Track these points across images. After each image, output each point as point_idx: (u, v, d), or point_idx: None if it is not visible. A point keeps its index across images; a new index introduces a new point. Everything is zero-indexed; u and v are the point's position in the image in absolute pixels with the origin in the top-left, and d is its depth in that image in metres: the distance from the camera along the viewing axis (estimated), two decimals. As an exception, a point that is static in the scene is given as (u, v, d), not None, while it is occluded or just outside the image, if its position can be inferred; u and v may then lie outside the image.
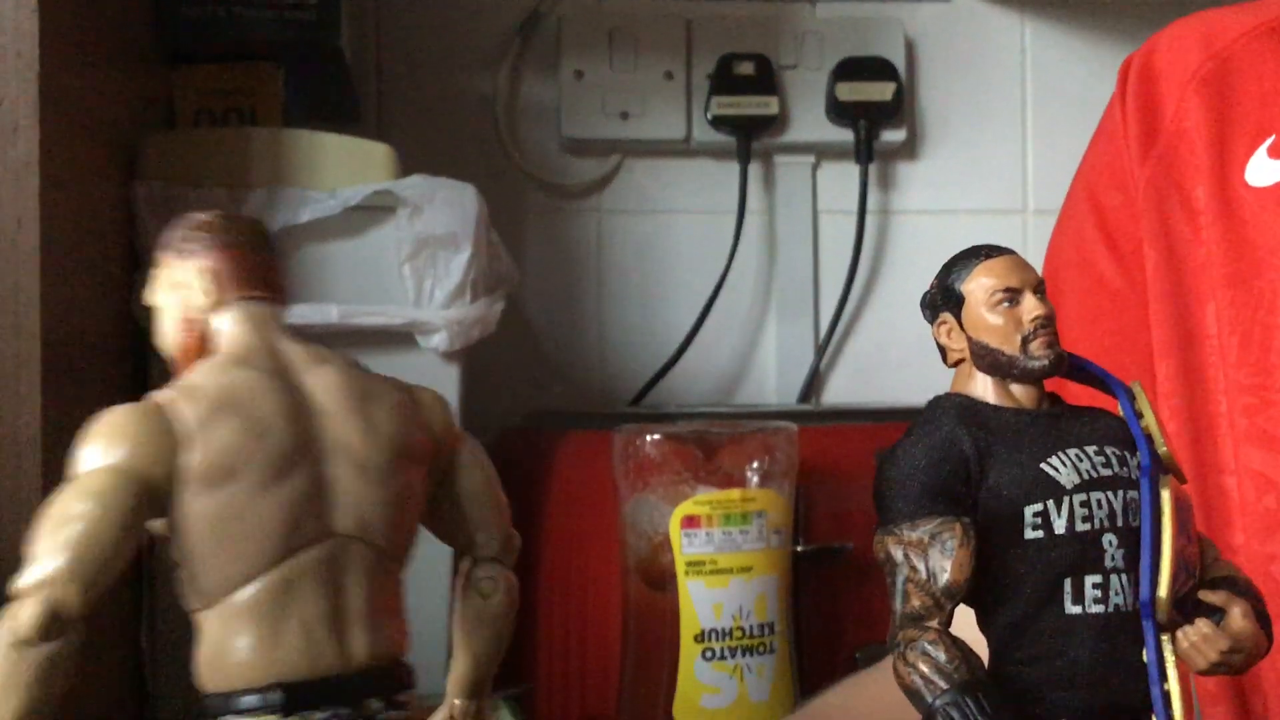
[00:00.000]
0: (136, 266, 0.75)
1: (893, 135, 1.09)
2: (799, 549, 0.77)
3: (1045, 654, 0.31)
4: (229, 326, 0.32)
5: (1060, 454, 0.32)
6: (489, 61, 1.08)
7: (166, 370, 0.75)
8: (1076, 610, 0.31)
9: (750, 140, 1.06)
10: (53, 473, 0.60)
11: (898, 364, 1.10)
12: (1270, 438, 0.57)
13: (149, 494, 0.28)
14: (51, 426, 0.61)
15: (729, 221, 1.07)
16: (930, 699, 0.29)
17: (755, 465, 0.73)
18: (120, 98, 0.77)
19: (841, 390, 1.11)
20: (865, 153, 1.07)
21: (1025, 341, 0.32)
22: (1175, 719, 0.30)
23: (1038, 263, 1.23)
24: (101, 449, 0.30)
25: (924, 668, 0.30)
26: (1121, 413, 0.33)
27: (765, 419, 0.78)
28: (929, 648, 0.30)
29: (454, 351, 0.76)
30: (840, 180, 1.10)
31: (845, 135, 1.07)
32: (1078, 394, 0.37)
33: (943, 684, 0.29)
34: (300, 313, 0.74)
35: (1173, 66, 0.65)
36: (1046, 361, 0.33)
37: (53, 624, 0.27)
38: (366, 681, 0.28)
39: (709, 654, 0.70)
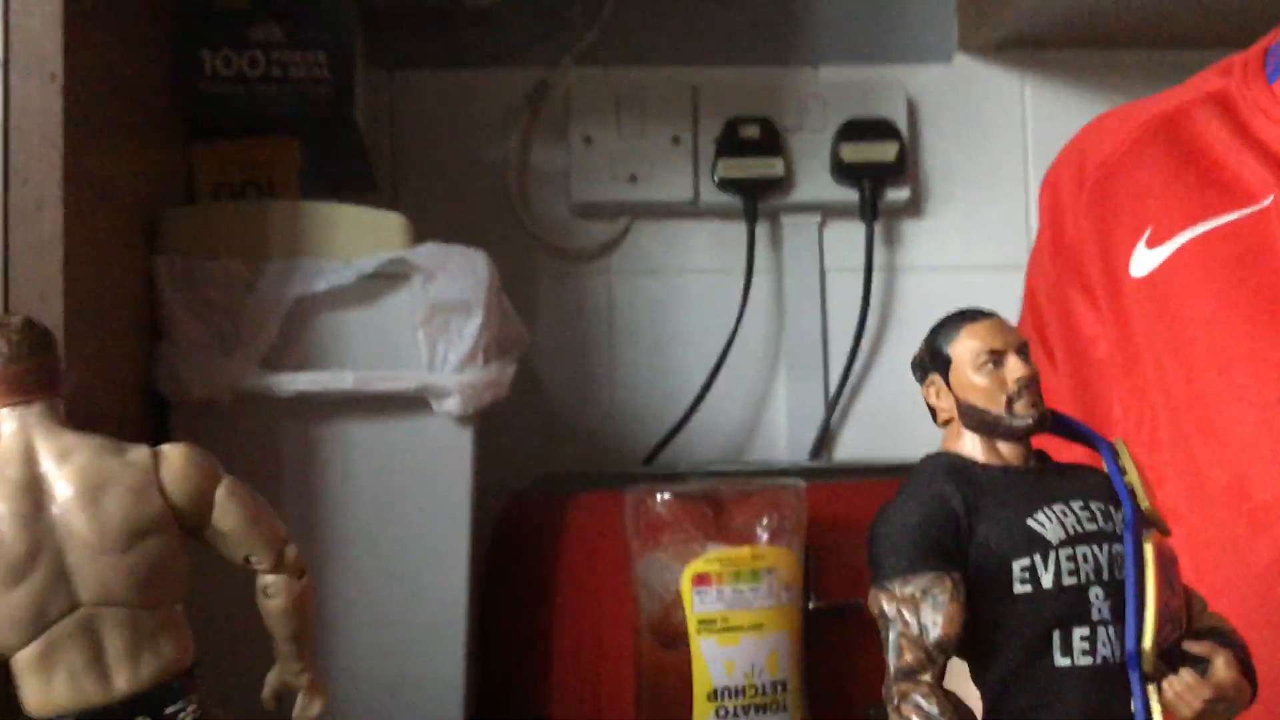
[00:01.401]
0: (157, 339, 0.77)
1: (897, 194, 1.10)
2: (810, 606, 0.77)
3: (1036, 705, 0.32)
4: (2, 429, 0.37)
5: (1046, 509, 0.33)
6: (500, 130, 1.10)
7: (188, 438, 0.76)
8: (1066, 663, 0.32)
9: (757, 201, 1.08)
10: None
11: (908, 418, 1.10)
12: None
13: None
14: (74, 495, 0.62)
15: (737, 281, 1.09)
16: None
17: (765, 522, 0.74)
18: (141, 173, 0.79)
19: (852, 446, 1.12)
20: (870, 211, 1.09)
21: (1010, 401, 0.34)
22: None
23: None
24: None
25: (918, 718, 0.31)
26: (1105, 468, 0.34)
27: (775, 476, 0.79)
28: (921, 701, 0.31)
29: (467, 415, 0.77)
30: (846, 239, 1.12)
31: (850, 195, 1.09)
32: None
33: None
34: (316, 379, 0.76)
35: (1070, 180, 0.71)
36: (1031, 420, 0.34)
37: None
38: (132, 706, 0.34)
39: (722, 712, 0.71)
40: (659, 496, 0.73)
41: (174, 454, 0.37)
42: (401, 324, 0.77)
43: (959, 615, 0.32)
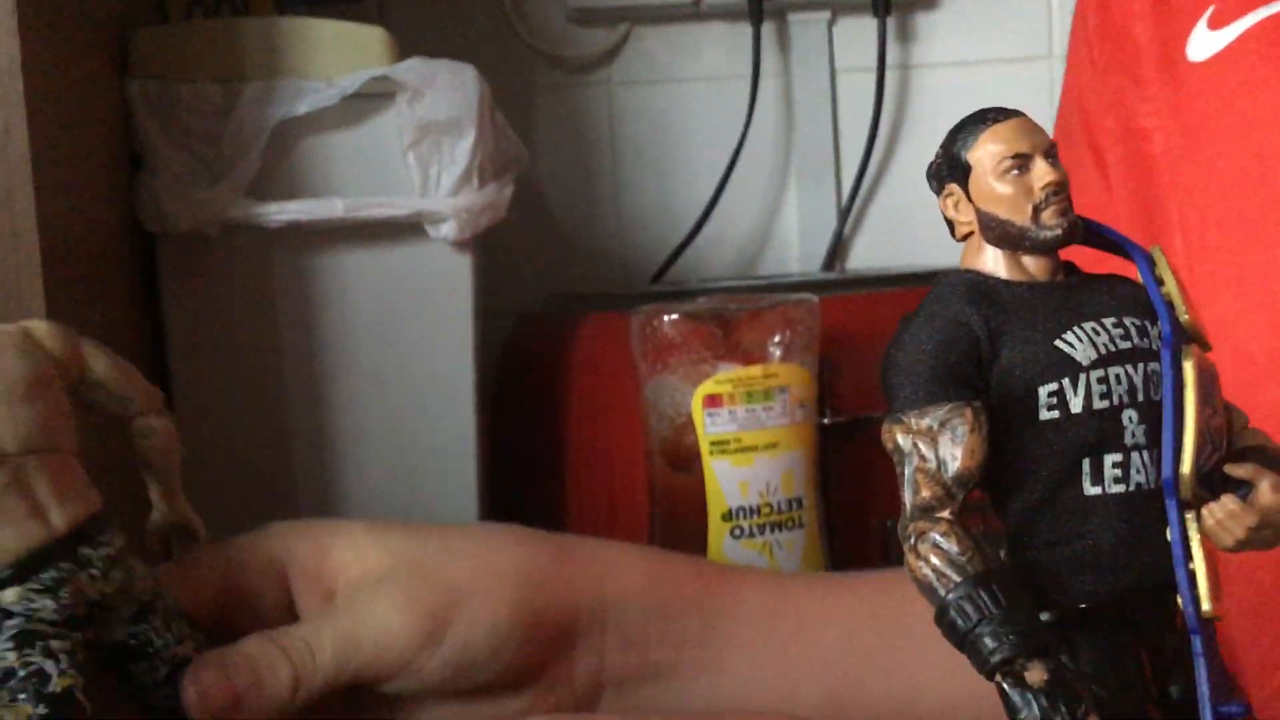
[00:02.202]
0: (136, 167, 0.74)
1: (911, -15, 1.04)
2: (825, 422, 0.76)
3: (1064, 538, 0.30)
4: None
5: (1076, 329, 0.30)
6: (487, -69, 1.04)
7: (178, 272, 0.74)
8: (1096, 491, 0.30)
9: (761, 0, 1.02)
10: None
11: (923, 225, 1.07)
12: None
13: None
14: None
15: (744, 87, 1.04)
16: (943, 593, 0.28)
17: (776, 339, 0.71)
18: (106, -8, 0.74)
19: (866, 255, 1.09)
20: (882, 5, 1.03)
21: (1036, 210, 0.30)
22: (1201, 599, 0.29)
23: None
24: None
25: (935, 560, 0.29)
26: (1141, 279, 0.31)
27: (787, 291, 0.77)
28: (940, 539, 0.29)
29: (464, 239, 0.75)
30: (857, 36, 1.06)
31: (861, -12, 1.03)
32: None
33: (955, 576, 0.28)
34: (305, 208, 0.73)
35: None
36: (1060, 231, 0.30)
37: None
38: (73, 539, 0.38)
39: (737, 532, 0.70)
40: (666, 317, 0.71)
41: (37, 324, 0.40)
42: (390, 146, 0.74)
43: (980, 447, 0.29)
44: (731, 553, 0.70)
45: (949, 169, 0.31)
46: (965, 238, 0.32)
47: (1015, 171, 0.30)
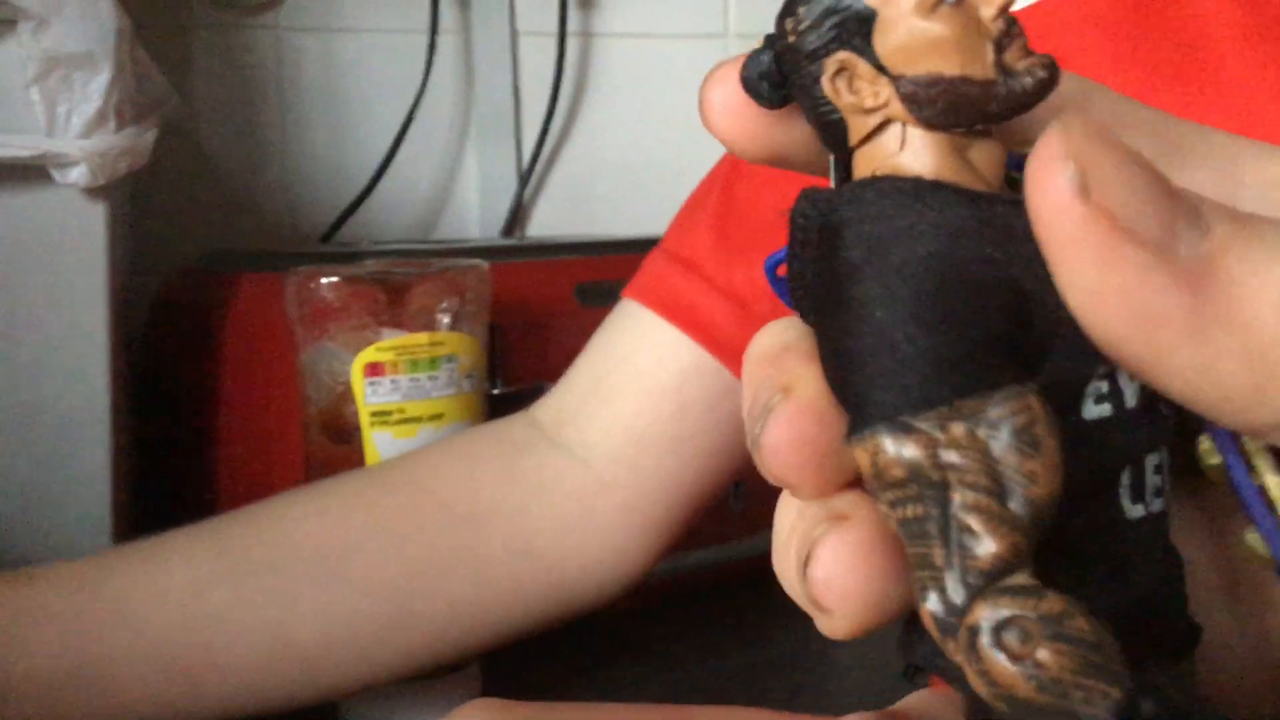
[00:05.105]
0: None
1: (595, -49, 1.03)
2: (495, 392, 0.74)
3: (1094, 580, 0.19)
4: None
5: None
6: None
7: None
8: (1139, 512, 0.19)
9: (443, -48, 0.99)
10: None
11: (604, 194, 1.08)
12: None
13: None
14: None
15: (421, 42, 1.00)
16: (1099, 713, 0.16)
17: (444, 306, 0.69)
18: None
19: (548, 222, 1.08)
20: (566, -31, 1.02)
21: (999, 50, 0.18)
22: None
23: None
24: None
25: (1059, 662, 0.16)
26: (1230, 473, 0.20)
27: (457, 257, 0.74)
28: (1060, 626, 0.16)
29: (98, 186, 0.67)
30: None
31: (545, -50, 1.01)
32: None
33: (1108, 688, 0.16)
34: (-94, 143, 0.64)
35: None
36: (1044, 73, 0.18)
37: None
38: None
39: (398, 506, 0.67)
40: (324, 280, 0.66)
41: None
42: (12, 80, 0.66)
43: (1060, 455, 0.17)
44: (391, 528, 0.67)
45: (834, 32, 0.19)
46: (865, 140, 0.19)
47: (947, 3, 0.18)
